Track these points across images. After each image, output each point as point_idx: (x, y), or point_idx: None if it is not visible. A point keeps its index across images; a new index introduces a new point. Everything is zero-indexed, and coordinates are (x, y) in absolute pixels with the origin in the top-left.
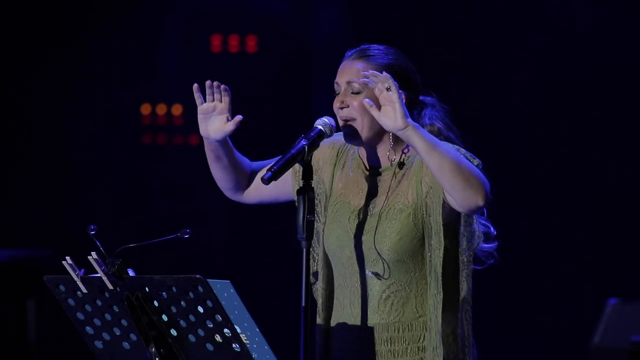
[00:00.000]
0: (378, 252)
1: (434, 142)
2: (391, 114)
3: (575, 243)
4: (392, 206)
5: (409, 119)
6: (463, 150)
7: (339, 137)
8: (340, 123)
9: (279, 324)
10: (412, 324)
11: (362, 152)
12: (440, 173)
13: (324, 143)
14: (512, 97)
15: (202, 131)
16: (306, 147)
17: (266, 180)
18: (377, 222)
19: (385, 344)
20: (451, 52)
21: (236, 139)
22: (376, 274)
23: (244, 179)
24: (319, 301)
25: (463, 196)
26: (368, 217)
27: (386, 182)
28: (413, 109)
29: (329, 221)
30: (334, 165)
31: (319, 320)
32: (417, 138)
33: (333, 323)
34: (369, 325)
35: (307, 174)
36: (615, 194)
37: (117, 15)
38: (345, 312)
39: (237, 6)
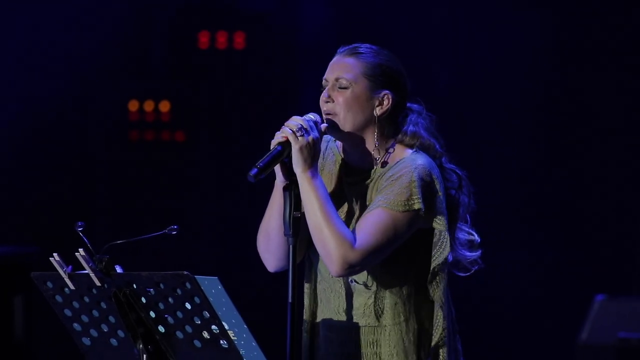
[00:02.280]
0: None
1: (312, 199)
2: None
3: (561, 242)
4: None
5: (308, 171)
6: (402, 196)
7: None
8: (324, 117)
9: (266, 320)
10: (398, 327)
11: (346, 152)
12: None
13: None
14: (503, 94)
15: (284, 175)
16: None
17: (252, 177)
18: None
19: (372, 346)
20: (438, 47)
21: (224, 136)
22: (360, 283)
23: None
24: (305, 303)
25: (323, 259)
26: (349, 225)
27: (365, 190)
28: (399, 114)
29: None
30: (321, 173)
31: (304, 323)
32: (302, 188)
33: (319, 325)
34: (354, 328)
35: (293, 171)
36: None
37: (105, 11)
38: (331, 315)
39: (224, 3)
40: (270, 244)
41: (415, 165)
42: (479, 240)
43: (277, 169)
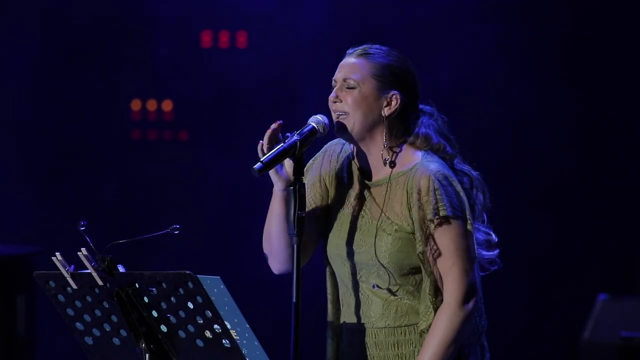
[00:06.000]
0: (381, 264)
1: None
2: None
3: (565, 240)
4: (388, 218)
5: None
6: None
7: (330, 146)
8: (333, 117)
9: (269, 319)
10: (419, 327)
11: (357, 155)
12: None
13: (321, 154)
14: (508, 93)
15: (281, 182)
16: (298, 143)
17: (256, 172)
18: (375, 234)
19: (393, 348)
20: (442, 48)
21: (227, 136)
22: (384, 289)
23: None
24: (329, 308)
25: None
26: (366, 228)
27: (382, 192)
28: (409, 115)
29: (328, 230)
30: (333, 175)
31: (328, 328)
32: None
33: (342, 329)
34: (375, 329)
35: (298, 170)
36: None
37: (108, 11)
38: (352, 318)
39: (227, 2)
40: (272, 248)
41: (433, 172)
42: (496, 240)
43: (275, 177)
